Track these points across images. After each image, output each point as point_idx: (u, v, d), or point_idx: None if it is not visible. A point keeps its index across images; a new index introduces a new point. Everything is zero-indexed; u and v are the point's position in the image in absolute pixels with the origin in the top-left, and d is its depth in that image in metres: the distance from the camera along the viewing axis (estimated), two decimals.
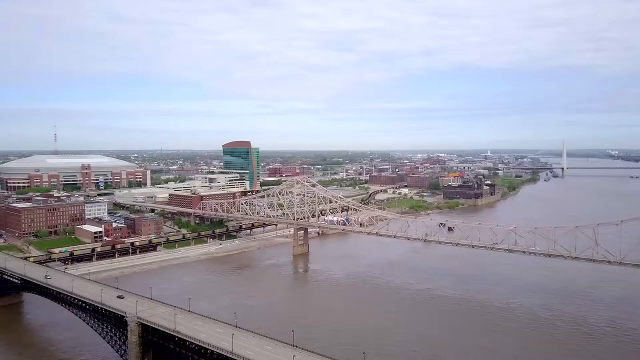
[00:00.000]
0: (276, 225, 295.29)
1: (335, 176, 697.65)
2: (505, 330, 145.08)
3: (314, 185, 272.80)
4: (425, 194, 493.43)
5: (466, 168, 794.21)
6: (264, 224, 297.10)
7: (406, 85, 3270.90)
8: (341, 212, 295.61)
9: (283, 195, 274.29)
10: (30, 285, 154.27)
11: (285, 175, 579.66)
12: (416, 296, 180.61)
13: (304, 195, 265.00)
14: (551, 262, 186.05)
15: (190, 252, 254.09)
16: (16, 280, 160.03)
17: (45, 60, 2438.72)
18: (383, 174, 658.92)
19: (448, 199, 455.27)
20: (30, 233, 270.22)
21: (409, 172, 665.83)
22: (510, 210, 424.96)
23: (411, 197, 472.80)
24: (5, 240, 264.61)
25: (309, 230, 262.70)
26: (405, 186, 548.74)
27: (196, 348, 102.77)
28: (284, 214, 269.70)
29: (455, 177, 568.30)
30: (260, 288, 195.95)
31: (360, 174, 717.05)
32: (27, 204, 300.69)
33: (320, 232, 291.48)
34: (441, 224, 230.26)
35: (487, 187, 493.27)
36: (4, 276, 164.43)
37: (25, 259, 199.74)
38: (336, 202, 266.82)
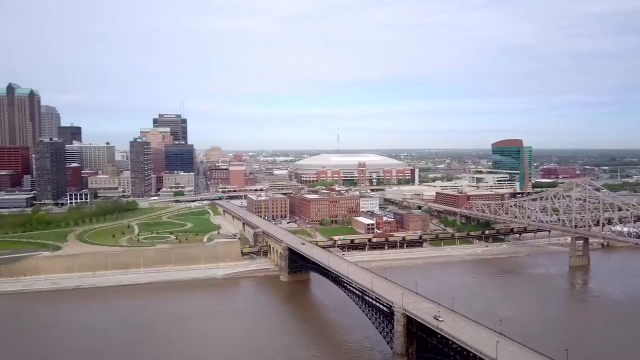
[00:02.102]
0: (549, 231, 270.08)
1: (627, 179, 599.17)
2: None
3: (598, 189, 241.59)
4: None
5: None
6: (535, 229, 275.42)
7: None
8: (634, 222, 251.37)
9: (559, 199, 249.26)
10: (317, 267, 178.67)
11: (562, 177, 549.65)
12: None
13: (584, 200, 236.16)
14: None
15: (455, 251, 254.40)
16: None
17: (329, 71, 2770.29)
18: None
19: None
20: (316, 220, 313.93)
21: None
22: None
23: None
24: (298, 225, 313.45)
25: (589, 240, 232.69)
26: None
27: (458, 349, 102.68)
28: (559, 219, 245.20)
29: None
30: (527, 297, 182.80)
31: None
32: (315, 196, 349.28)
33: (605, 243, 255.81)
34: None
35: None
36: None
37: (316, 244, 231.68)
38: (627, 209, 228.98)
